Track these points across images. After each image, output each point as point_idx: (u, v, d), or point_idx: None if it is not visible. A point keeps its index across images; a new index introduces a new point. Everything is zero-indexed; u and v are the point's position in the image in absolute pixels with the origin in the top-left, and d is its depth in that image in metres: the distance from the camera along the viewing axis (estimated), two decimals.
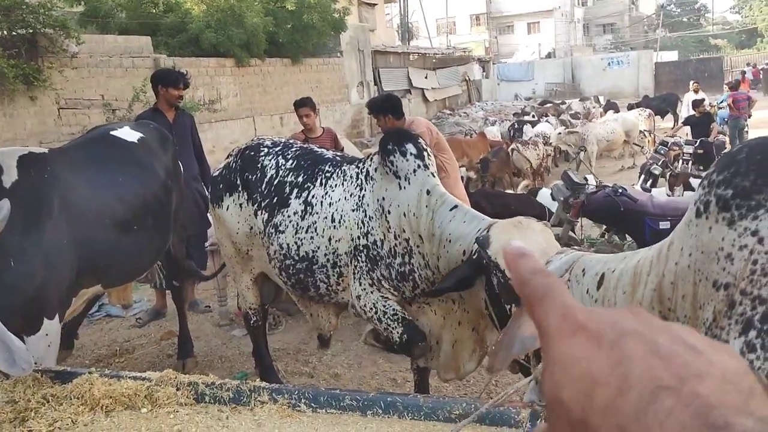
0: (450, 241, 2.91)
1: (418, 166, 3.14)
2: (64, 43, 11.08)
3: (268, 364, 4.23)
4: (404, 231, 3.10)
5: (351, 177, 3.40)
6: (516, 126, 16.16)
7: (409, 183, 3.12)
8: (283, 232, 3.48)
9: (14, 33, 10.54)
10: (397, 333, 3.20)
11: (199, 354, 4.91)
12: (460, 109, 27.17)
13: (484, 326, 3.07)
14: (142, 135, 4.02)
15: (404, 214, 3.10)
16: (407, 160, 3.14)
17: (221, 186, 3.84)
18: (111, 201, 3.53)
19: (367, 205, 3.25)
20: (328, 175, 3.48)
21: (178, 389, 2.36)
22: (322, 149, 3.89)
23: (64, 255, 3.20)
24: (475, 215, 2.93)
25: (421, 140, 3.27)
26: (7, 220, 2.71)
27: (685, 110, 15.19)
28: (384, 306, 3.23)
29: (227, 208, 3.79)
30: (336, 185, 3.42)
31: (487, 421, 1.96)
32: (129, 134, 3.99)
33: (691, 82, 16.60)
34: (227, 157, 4.00)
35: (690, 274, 1.60)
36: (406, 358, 3.99)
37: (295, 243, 3.44)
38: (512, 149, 11.94)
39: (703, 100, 13.01)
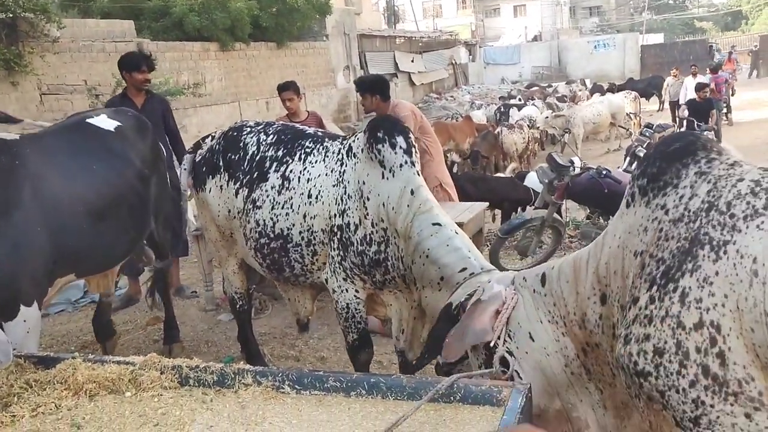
0: (428, 257, 2.85)
1: (405, 162, 3.06)
2: (45, 28, 10.93)
3: (254, 348, 4.23)
4: (382, 221, 3.05)
5: (332, 152, 3.34)
6: (502, 109, 16.19)
7: (393, 176, 3.04)
8: (260, 207, 3.43)
9: None
10: (351, 337, 3.39)
11: (186, 339, 4.90)
12: (446, 92, 27.11)
13: None
14: (119, 123, 3.92)
15: (383, 205, 3.03)
16: (395, 153, 3.06)
17: (204, 169, 3.81)
18: (84, 189, 3.44)
19: (348, 183, 3.18)
20: (308, 150, 3.43)
21: (162, 373, 2.36)
22: (305, 126, 3.87)
23: (37, 242, 3.14)
24: (457, 246, 2.82)
25: (411, 135, 3.20)
26: None
27: (682, 96, 15.25)
28: (355, 310, 3.30)
29: (210, 191, 3.76)
30: (316, 161, 3.36)
31: (470, 400, 1.98)
32: (105, 122, 3.89)
33: (671, 68, 16.86)
34: (205, 138, 3.97)
35: (619, 252, 1.89)
36: (392, 340, 4.02)
37: (271, 219, 3.39)
38: (498, 132, 11.99)
39: (707, 84, 13.06)
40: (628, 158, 9.96)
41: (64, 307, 5.81)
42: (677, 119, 15.81)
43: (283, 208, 3.37)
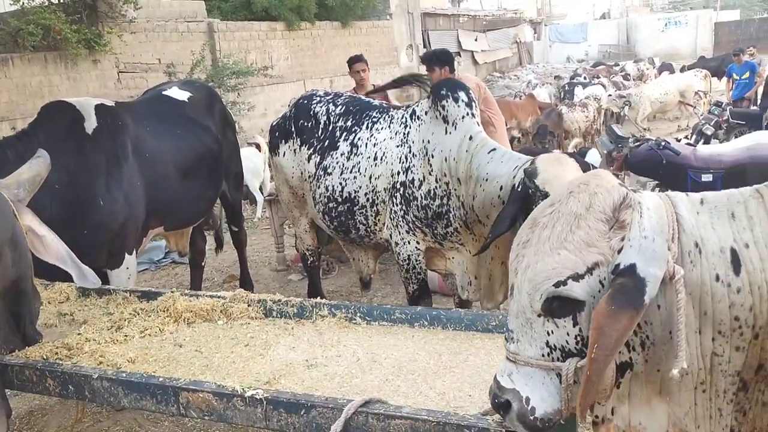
0: (486, 180, 3.09)
1: (467, 114, 3.32)
2: (122, 9, 11.50)
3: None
4: (445, 175, 3.30)
5: (397, 118, 3.63)
6: (567, 88, 16.10)
7: (455, 128, 3.30)
8: (330, 174, 3.74)
9: None
10: (412, 288, 3.65)
11: None
12: (510, 71, 26.91)
13: None
14: (190, 94, 4.37)
15: (446, 159, 3.29)
16: (458, 107, 3.33)
17: (277, 134, 4.13)
18: (173, 150, 3.90)
19: (413, 143, 3.45)
20: (375, 119, 3.73)
21: (249, 306, 2.69)
22: (370, 99, 4.14)
23: (139, 195, 3.57)
24: (512, 155, 3.11)
25: (471, 92, 3.47)
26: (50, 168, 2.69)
27: None
28: (415, 261, 3.54)
29: (283, 154, 4.08)
30: (382, 128, 3.65)
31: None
32: (178, 94, 4.34)
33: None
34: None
35: None
36: (452, 299, 4.27)
37: (340, 184, 3.68)
38: (560, 111, 12.02)
39: None
40: (694, 136, 9.89)
41: (147, 266, 6.29)
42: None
43: (351, 172, 3.66)
